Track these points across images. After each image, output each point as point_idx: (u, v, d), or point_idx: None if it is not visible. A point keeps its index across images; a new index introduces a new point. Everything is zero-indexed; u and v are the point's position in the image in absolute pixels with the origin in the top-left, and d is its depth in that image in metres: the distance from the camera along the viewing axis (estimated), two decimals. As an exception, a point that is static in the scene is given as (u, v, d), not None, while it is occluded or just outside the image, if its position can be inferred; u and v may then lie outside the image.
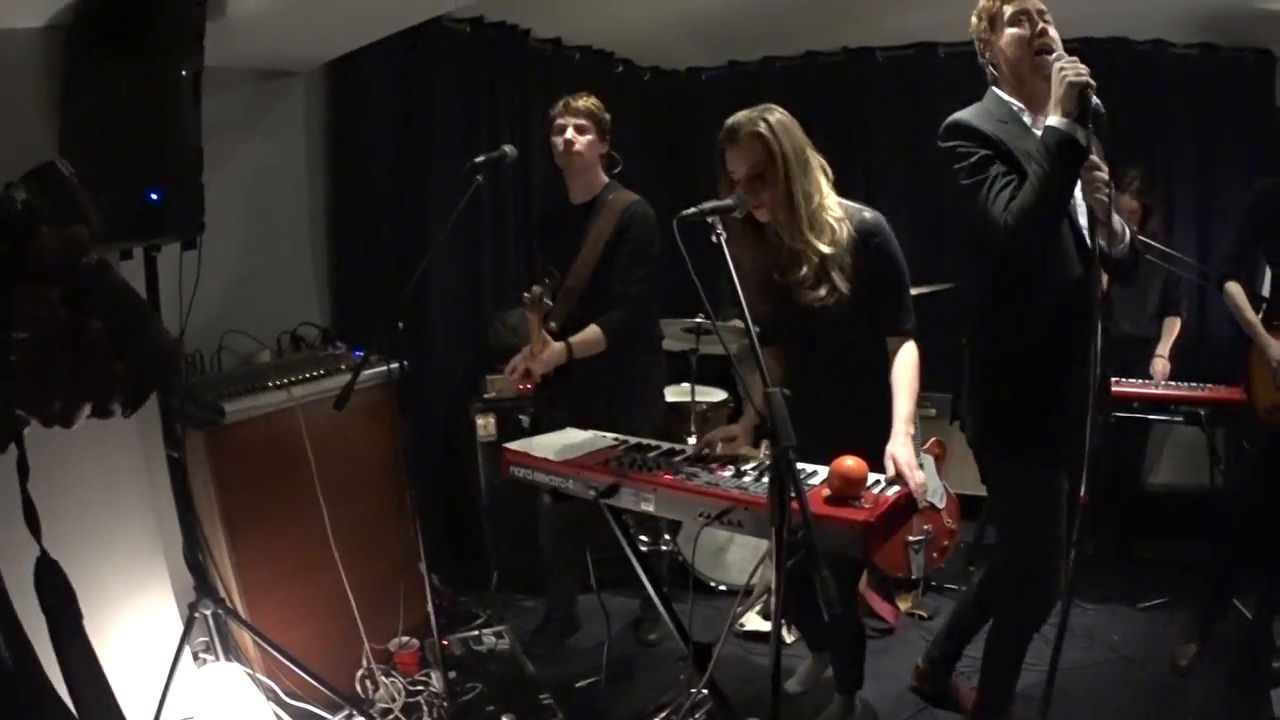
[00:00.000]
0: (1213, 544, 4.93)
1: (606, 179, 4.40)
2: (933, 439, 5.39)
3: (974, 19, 3.40)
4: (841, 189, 3.41)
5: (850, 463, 2.78)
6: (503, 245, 5.92)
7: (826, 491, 2.79)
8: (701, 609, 3.33)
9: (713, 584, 4.58)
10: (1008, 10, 3.23)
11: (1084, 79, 2.84)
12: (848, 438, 2.96)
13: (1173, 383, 5.28)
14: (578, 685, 4.26)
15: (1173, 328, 5.57)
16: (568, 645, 4.68)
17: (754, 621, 4.67)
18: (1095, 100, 2.84)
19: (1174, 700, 4.28)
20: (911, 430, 3.19)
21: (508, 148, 4.00)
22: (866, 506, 2.71)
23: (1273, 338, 4.35)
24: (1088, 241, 3.03)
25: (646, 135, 6.93)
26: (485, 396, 5.12)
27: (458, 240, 5.52)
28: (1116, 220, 3.01)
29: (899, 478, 2.98)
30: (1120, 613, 5.01)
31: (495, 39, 5.75)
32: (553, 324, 4.08)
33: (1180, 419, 5.36)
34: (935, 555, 5.27)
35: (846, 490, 2.76)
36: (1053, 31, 3.18)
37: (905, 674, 4.44)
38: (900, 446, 3.10)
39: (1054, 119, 2.90)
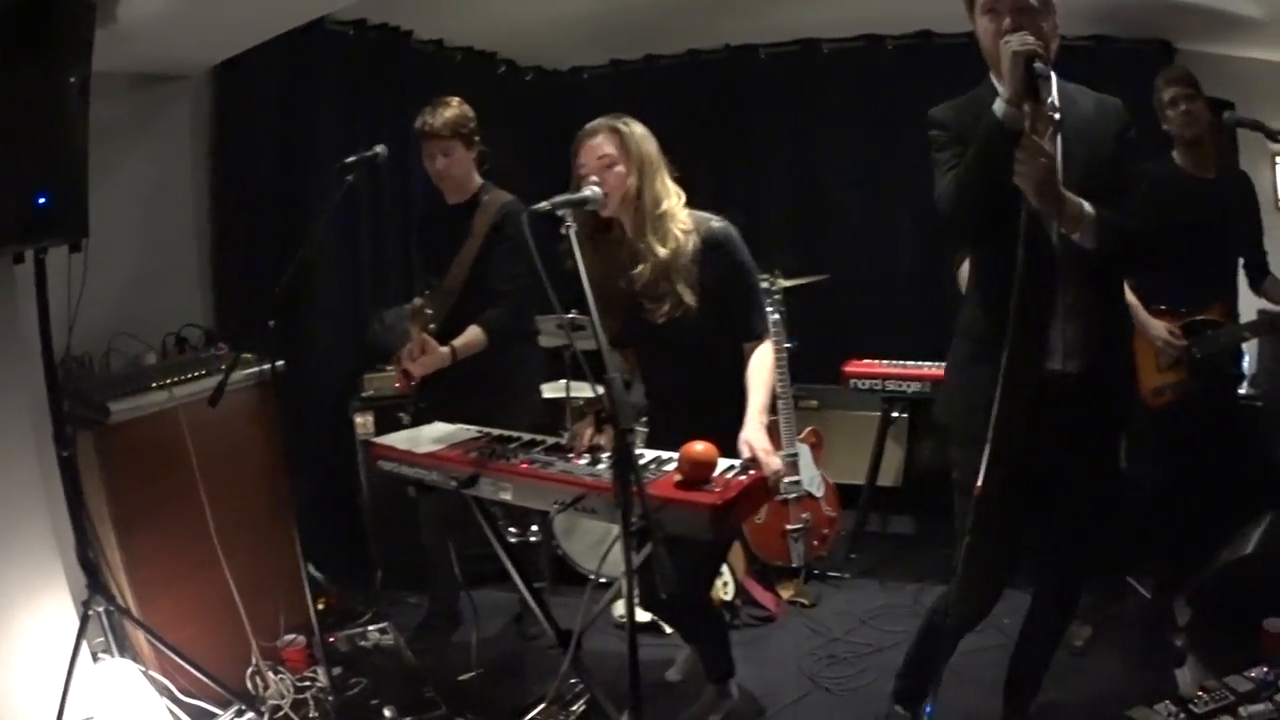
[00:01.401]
0: (1106, 526, 4.94)
1: (480, 180, 4.42)
2: (809, 428, 5.44)
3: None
4: (724, 185, 3.44)
5: (699, 447, 2.80)
6: (381, 244, 5.91)
7: (677, 476, 2.81)
8: (580, 600, 3.31)
9: (592, 576, 4.56)
10: None
11: (1029, 48, 2.68)
12: (707, 435, 2.96)
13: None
14: (460, 679, 4.24)
15: None
16: (452, 640, 4.67)
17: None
18: (1038, 65, 2.68)
19: (1070, 680, 4.32)
20: (765, 419, 3.20)
21: (379, 148, 3.98)
22: (716, 490, 2.73)
23: (1154, 318, 4.37)
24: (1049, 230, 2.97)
25: (529, 136, 6.89)
26: (364, 395, 5.12)
27: (337, 240, 5.52)
28: (1077, 204, 2.85)
29: (753, 461, 2.97)
30: (1011, 597, 4.96)
31: (378, 41, 5.72)
32: (432, 325, 4.07)
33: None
34: (815, 543, 5.32)
35: (696, 474, 2.78)
36: (1036, 26, 2.87)
37: (787, 661, 4.51)
38: (755, 433, 3.11)
39: (998, 102, 2.78)
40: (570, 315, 2.89)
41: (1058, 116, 2.94)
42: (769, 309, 4.92)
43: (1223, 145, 4.83)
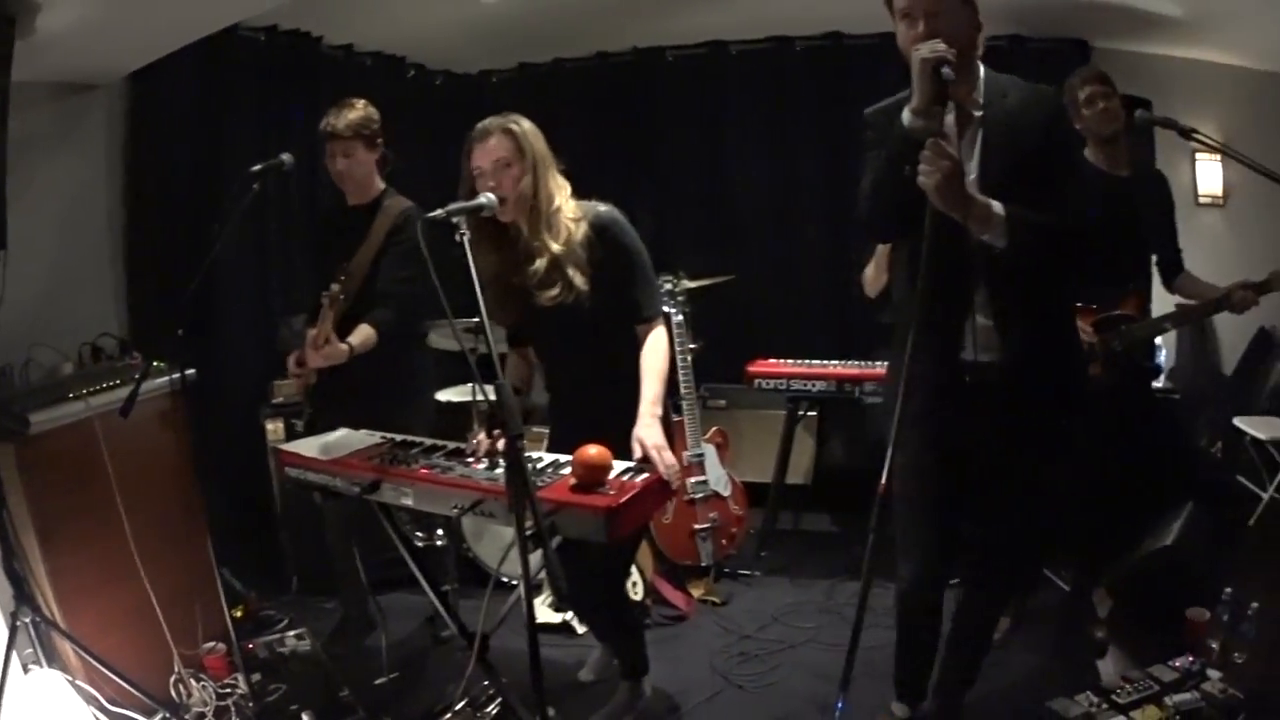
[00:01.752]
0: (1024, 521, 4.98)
1: (383, 184, 4.44)
2: (714, 428, 5.49)
3: None
4: (630, 187, 3.47)
5: (593, 451, 2.84)
6: (290, 252, 5.92)
7: (573, 480, 2.84)
8: (493, 603, 3.30)
9: (505, 579, 4.55)
10: (895, 2, 3.01)
11: (936, 55, 2.72)
12: (605, 429, 3.03)
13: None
14: (376, 683, 4.25)
15: None
16: (366, 644, 4.67)
17: (543, 613, 4.68)
18: (945, 71, 2.71)
19: (989, 673, 4.21)
20: (658, 412, 3.23)
21: (285, 156, 3.99)
22: (611, 493, 2.76)
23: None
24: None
25: (438, 140, 6.83)
26: (274, 401, 5.12)
27: (246, 248, 5.50)
28: (984, 206, 2.89)
29: (647, 461, 3.01)
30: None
31: (289, 46, 5.71)
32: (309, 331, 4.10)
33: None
34: (724, 542, 5.36)
35: (590, 477, 2.82)
36: (950, 27, 2.89)
37: (699, 659, 4.53)
38: (647, 429, 3.13)
39: (906, 111, 2.86)
40: (474, 320, 2.88)
41: (979, 114, 3.01)
42: (673, 309, 4.99)
43: (1137, 143, 4.85)
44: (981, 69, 3.08)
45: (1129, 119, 4.20)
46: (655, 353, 3.37)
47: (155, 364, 4.16)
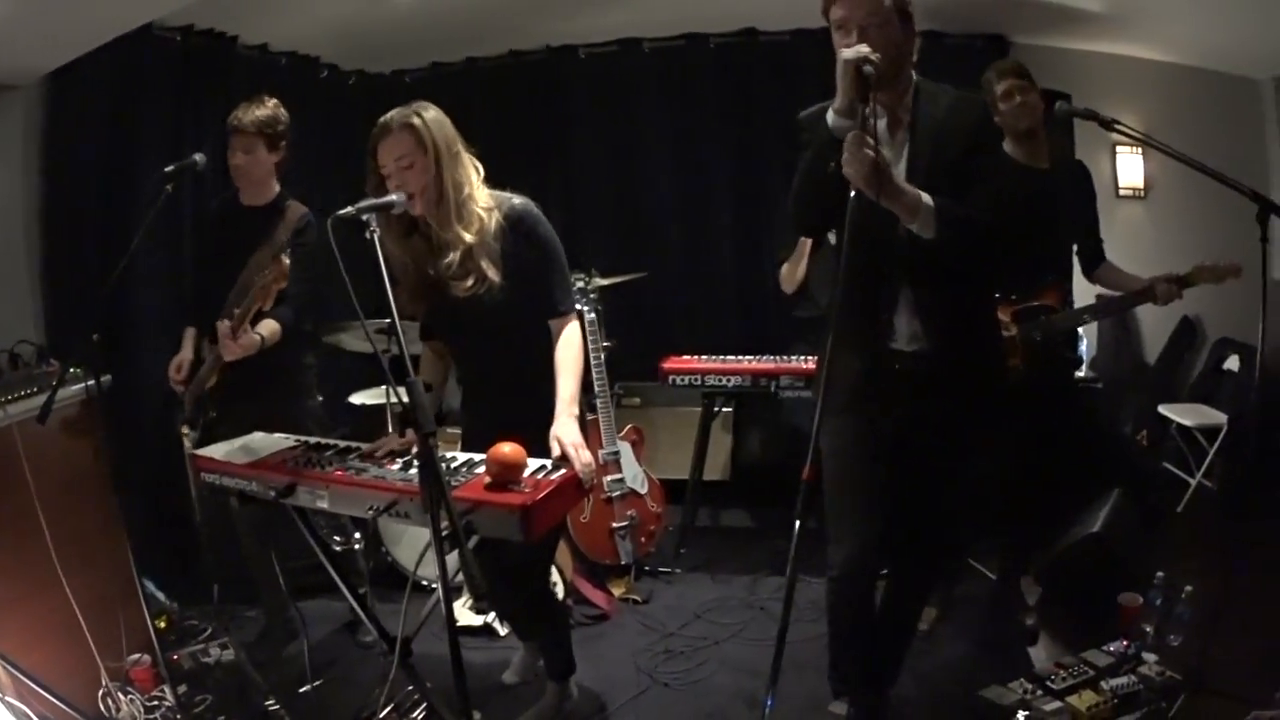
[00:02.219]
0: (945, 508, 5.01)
1: (279, 187, 4.43)
2: (630, 426, 5.51)
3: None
4: (542, 185, 3.44)
5: (507, 449, 2.83)
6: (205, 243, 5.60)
7: (487, 478, 2.83)
8: (413, 606, 3.27)
9: (424, 581, 4.52)
10: (831, 14, 3.10)
11: (859, 56, 2.79)
12: (519, 424, 3.04)
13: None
14: (301, 690, 4.20)
15: None
16: (289, 651, 4.63)
17: (464, 616, 4.66)
18: (867, 69, 2.77)
19: (917, 665, 4.33)
20: (574, 410, 3.24)
21: (198, 156, 3.99)
22: (526, 490, 2.77)
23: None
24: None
25: (352, 139, 6.79)
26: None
27: (161, 251, 5.41)
28: (914, 196, 3.01)
29: (564, 459, 3.02)
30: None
31: (204, 46, 5.65)
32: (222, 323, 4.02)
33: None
34: (643, 540, 5.40)
35: (504, 475, 2.81)
36: (881, 40, 2.99)
37: (623, 658, 4.55)
38: (564, 427, 3.15)
39: (830, 112, 2.96)
40: (386, 320, 2.85)
41: (908, 118, 3.18)
42: (585, 307, 5.00)
43: (1057, 136, 4.87)
44: (914, 77, 3.23)
45: (1049, 112, 4.25)
46: (570, 348, 3.38)
47: (73, 370, 4.10)
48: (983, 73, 4.58)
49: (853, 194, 2.81)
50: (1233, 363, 6.65)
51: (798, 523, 2.70)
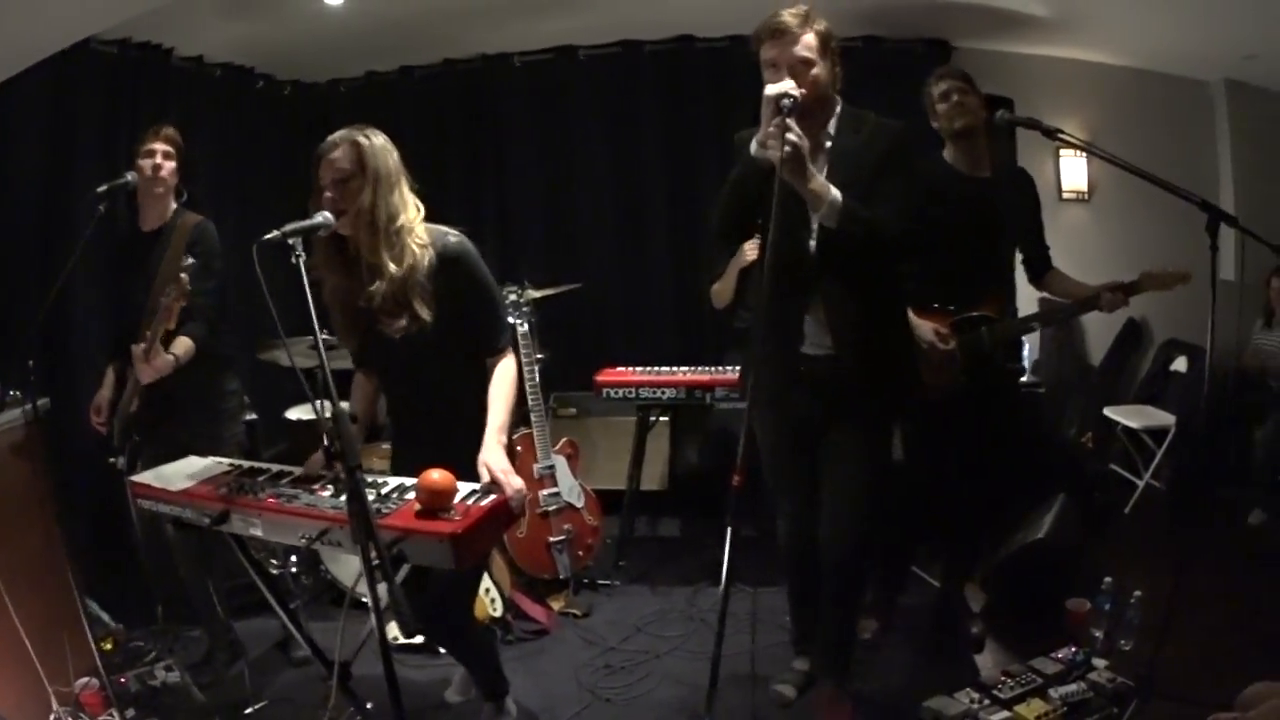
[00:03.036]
0: (882, 518, 5.01)
1: (175, 205, 4.42)
2: (564, 439, 5.52)
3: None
4: (476, 195, 3.47)
5: (436, 475, 2.84)
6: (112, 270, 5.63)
7: (417, 506, 2.85)
8: (354, 626, 3.27)
9: (362, 597, 4.49)
10: (762, 54, 3.40)
11: (779, 90, 3.09)
12: (449, 453, 3.07)
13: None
14: (246, 712, 4.18)
15: None
16: (233, 671, 4.59)
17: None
18: (785, 102, 3.05)
19: (861, 674, 4.34)
20: (503, 439, 3.25)
21: (129, 176, 4.06)
22: (456, 518, 2.78)
23: (921, 319, 4.37)
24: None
25: (287, 150, 6.81)
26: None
27: (95, 270, 5.28)
28: (824, 184, 3.27)
29: (494, 485, 3.02)
30: (789, 593, 5.14)
31: (140, 59, 5.62)
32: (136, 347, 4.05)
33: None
34: (581, 553, 5.43)
35: (434, 503, 2.82)
36: (809, 78, 3.32)
37: (564, 673, 4.57)
38: (492, 453, 3.16)
39: (753, 143, 3.22)
40: (324, 336, 2.85)
41: (829, 144, 3.46)
42: (519, 320, 5.01)
43: (999, 142, 4.89)
44: (839, 106, 3.49)
45: (989, 118, 4.25)
46: (503, 381, 3.39)
47: (12, 394, 4.12)
48: (923, 77, 4.58)
49: (774, 212, 2.96)
50: (1180, 364, 6.74)
51: (729, 529, 2.82)
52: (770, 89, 3.13)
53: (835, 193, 3.29)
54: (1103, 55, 6.83)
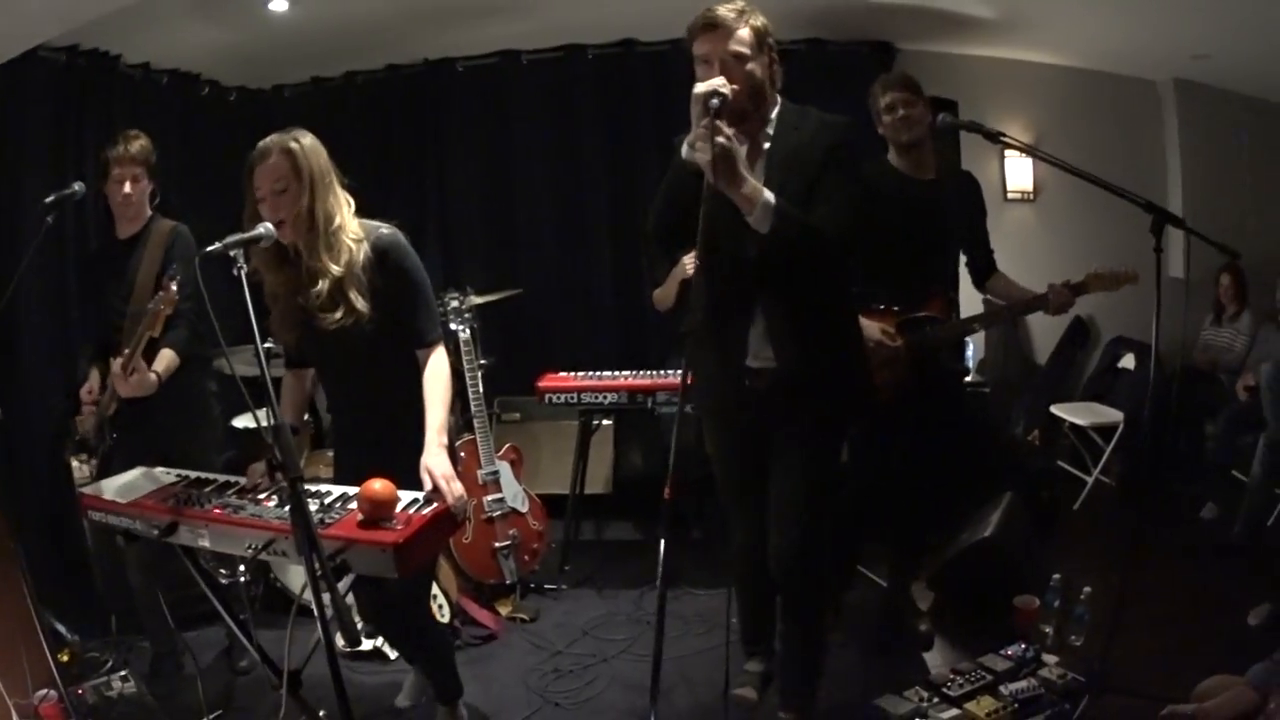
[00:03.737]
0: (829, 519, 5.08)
1: (150, 211, 4.43)
2: (507, 445, 5.55)
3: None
4: (420, 199, 3.54)
5: (377, 485, 2.90)
6: (85, 278, 5.51)
7: (359, 516, 2.90)
8: (302, 633, 3.33)
9: (306, 603, 4.51)
10: (695, 50, 3.29)
11: (707, 89, 2.99)
12: (390, 455, 3.19)
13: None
14: (203, 721, 4.25)
15: None
16: (184, 681, 4.62)
17: None
18: (713, 102, 2.95)
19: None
20: (444, 440, 3.31)
21: (77, 185, 4.07)
22: (398, 527, 2.84)
23: (867, 319, 4.40)
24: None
25: (232, 156, 6.79)
26: (78, 438, 4.97)
27: (43, 281, 5.35)
28: (755, 188, 3.14)
29: (436, 491, 3.09)
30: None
31: (88, 67, 5.63)
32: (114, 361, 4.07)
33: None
34: (526, 558, 5.47)
35: (376, 513, 2.88)
36: (743, 73, 3.22)
37: (513, 678, 4.62)
38: (435, 458, 3.21)
39: (684, 146, 3.13)
40: (266, 345, 2.92)
41: (767, 145, 3.36)
42: (461, 327, 5.08)
43: (943, 145, 4.93)
44: (779, 104, 3.42)
45: (933, 123, 4.30)
46: (438, 378, 3.45)
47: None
48: (868, 80, 4.63)
49: (701, 218, 2.93)
50: (1128, 361, 6.85)
51: (663, 541, 2.85)
52: (698, 88, 3.03)
53: (768, 195, 3.17)
54: (1049, 56, 6.92)
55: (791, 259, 3.33)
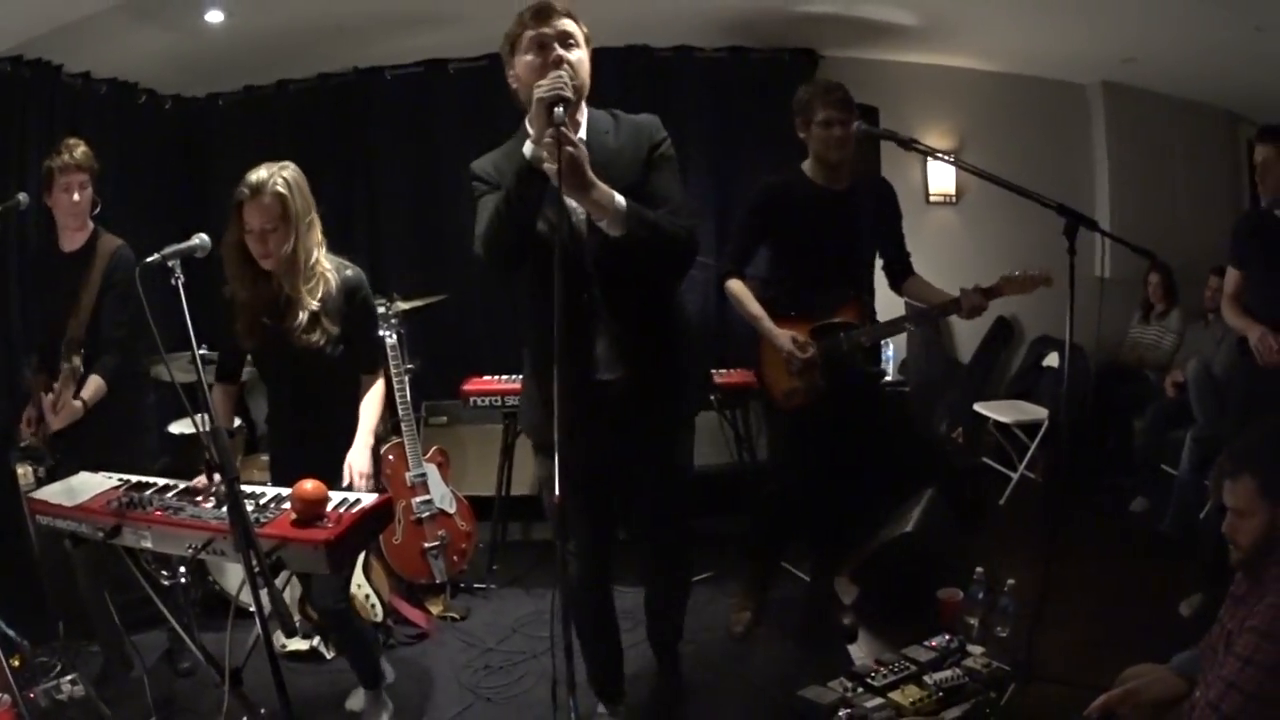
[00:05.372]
0: (749, 517, 5.37)
1: (92, 223, 4.60)
2: (435, 447, 5.75)
3: (502, 41, 3.46)
4: (348, 206, 3.85)
5: (309, 486, 3.11)
6: (29, 292, 5.63)
7: (293, 515, 3.11)
8: (241, 634, 3.53)
9: (248, 607, 4.64)
10: (526, 35, 3.29)
11: (554, 92, 2.98)
12: (325, 461, 3.59)
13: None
14: (154, 722, 4.35)
15: None
16: (131, 683, 4.72)
17: (293, 642, 4.89)
18: (559, 111, 2.96)
19: (734, 667, 4.71)
20: (371, 441, 3.81)
21: (21, 196, 4.31)
22: (329, 525, 3.05)
23: (781, 327, 4.62)
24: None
25: (167, 164, 7.08)
26: (23, 445, 5.07)
27: None
28: (607, 192, 3.16)
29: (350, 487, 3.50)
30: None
31: (30, 77, 5.73)
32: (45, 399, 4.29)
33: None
34: (455, 558, 5.69)
35: (308, 512, 3.09)
36: (575, 56, 3.27)
37: (445, 675, 4.85)
38: (358, 454, 3.74)
39: (528, 144, 3.09)
40: (202, 351, 3.14)
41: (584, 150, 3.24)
42: (388, 332, 5.27)
43: (864, 150, 5.21)
44: (585, 110, 3.46)
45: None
46: (375, 396, 3.99)
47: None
48: (790, 87, 4.78)
49: (558, 229, 2.99)
50: (1053, 359, 7.08)
51: (560, 543, 2.88)
52: (543, 86, 3.01)
53: (619, 198, 3.18)
54: (974, 61, 7.17)
55: (637, 262, 3.33)
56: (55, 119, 5.87)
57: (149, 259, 3.06)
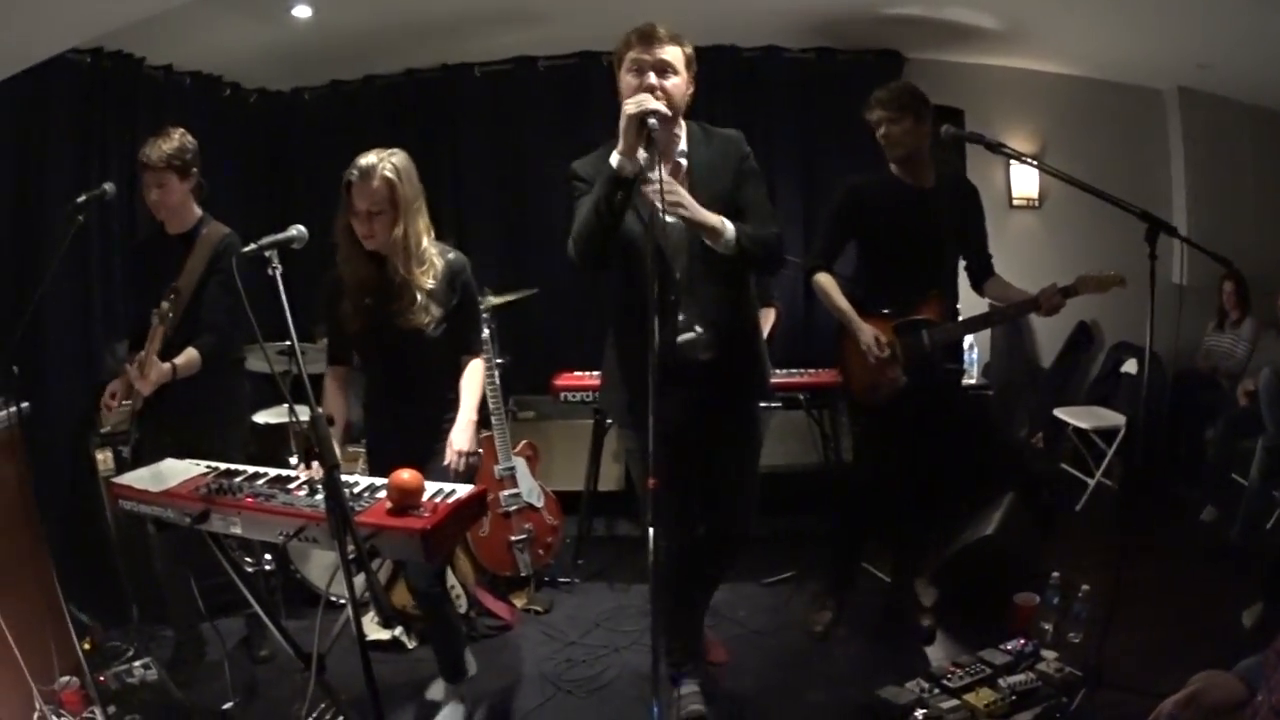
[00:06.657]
0: (833, 517, 5.28)
1: (200, 211, 4.55)
2: (524, 442, 5.71)
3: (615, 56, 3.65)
4: (436, 203, 3.80)
5: (405, 475, 3.04)
6: (111, 278, 5.87)
7: (389, 504, 3.04)
8: (325, 623, 3.47)
9: (334, 598, 4.62)
10: (628, 57, 3.52)
11: (642, 109, 3.23)
12: (423, 449, 3.63)
13: (778, 371, 5.55)
14: (223, 707, 4.29)
15: (767, 318, 6.01)
16: (205, 668, 4.72)
17: (375, 631, 4.86)
18: (653, 123, 3.21)
19: (814, 665, 4.62)
20: (474, 418, 3.80)
21: (107, 186, 4.17)
22: (425, 515, 2.99)
23: (865, 322, 4.56)
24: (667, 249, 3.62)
25: (252, 157, 7.06)
26: (103, 430, 4.98)
27: (69, 278, 5.53)
28: (711, 218, 3.47)
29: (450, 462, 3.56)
30: (744, 590, 5.38)
31: (112, 69, 5.71)
32: (130, 365, 4.21)
33: (779, 404, 5.79)
34: (541, 552, 5.63)
35: (404, 501, 3.02)
36: (671, 83, 3.49)
37: (528, 667, 4.77)
38: (460, 433, 3.74)
39: (614, 154, 3.35)
40: (290, 343, 3.07)
41: (684, 162, 3.62)
42: None
43: (948, 153, 5.11)
44: (683, 123, 3.70)
45: (934, 133, 4.42)
46: (477, 376, 3.97)
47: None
48: (875, 88, 4.70)
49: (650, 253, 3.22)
50: (1131, 365, 6.93)
51: (650, 529, 2.95)
52: (630, 104, 3.29)
53: (729, 226, 3.50)
54: (1055, 65, 7.03)
55: (754, 263, 3.72)
56: (138, 111, 5.86)
57: (245, 249, 3.02)
